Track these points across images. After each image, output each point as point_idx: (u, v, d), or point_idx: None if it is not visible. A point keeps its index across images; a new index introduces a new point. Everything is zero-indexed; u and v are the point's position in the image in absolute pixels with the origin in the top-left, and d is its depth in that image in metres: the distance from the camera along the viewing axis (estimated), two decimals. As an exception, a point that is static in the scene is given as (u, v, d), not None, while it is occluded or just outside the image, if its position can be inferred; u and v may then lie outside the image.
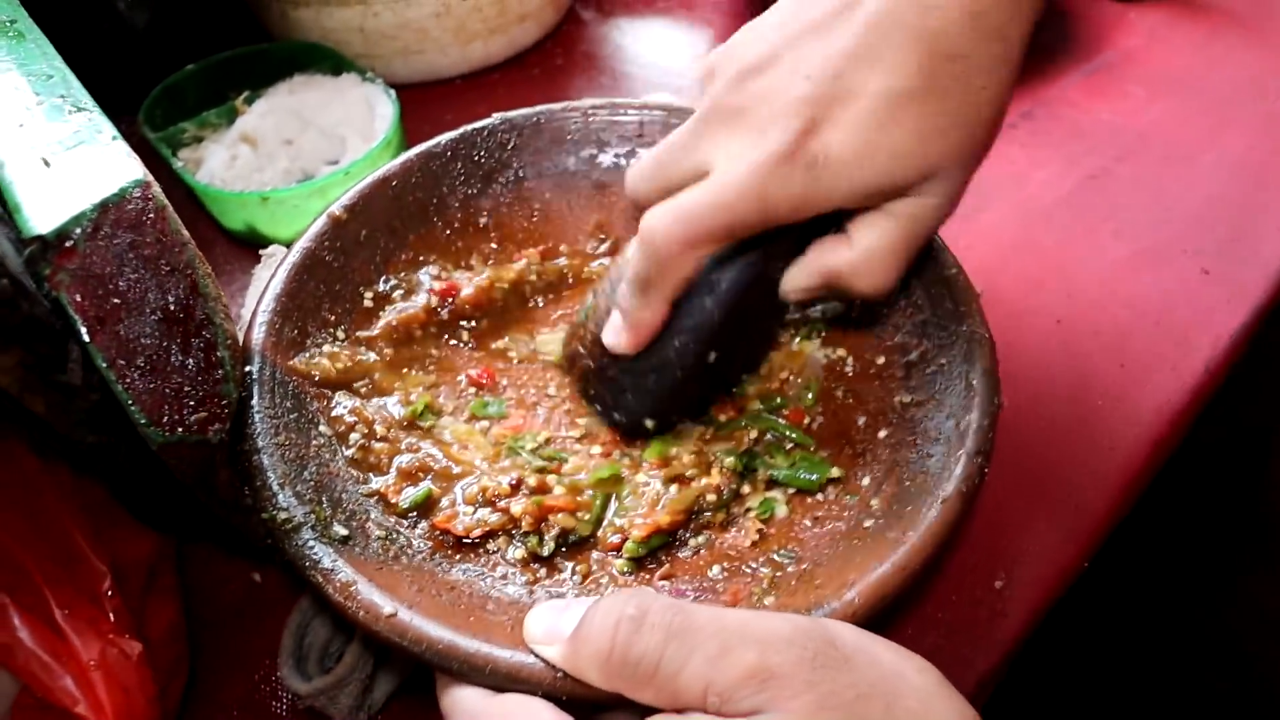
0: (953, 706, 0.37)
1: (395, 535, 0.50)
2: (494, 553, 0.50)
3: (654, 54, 0.99)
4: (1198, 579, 0.79)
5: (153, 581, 0.51)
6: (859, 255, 0.49)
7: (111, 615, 0.45)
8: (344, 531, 0.48)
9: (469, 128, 0.68)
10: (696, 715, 0.36)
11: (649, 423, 0.55)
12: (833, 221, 0.50)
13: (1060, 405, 0.63)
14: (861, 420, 0.55)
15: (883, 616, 0.43)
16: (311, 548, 0.46)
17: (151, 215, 0.45)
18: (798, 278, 0.52)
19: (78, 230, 0.42)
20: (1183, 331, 0.66)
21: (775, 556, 0.50)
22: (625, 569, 0.50)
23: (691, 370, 0.53)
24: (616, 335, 0.53)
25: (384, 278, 0.63)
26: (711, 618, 0.38)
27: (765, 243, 0.50)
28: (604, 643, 0.38)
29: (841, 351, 0.59)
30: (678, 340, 0.52)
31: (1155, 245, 0.72)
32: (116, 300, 0.43)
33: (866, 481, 0.52)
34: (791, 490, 0.54)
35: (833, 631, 0.38)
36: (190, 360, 0.46)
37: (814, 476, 0.53)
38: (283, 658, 0.50)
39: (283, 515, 0.47)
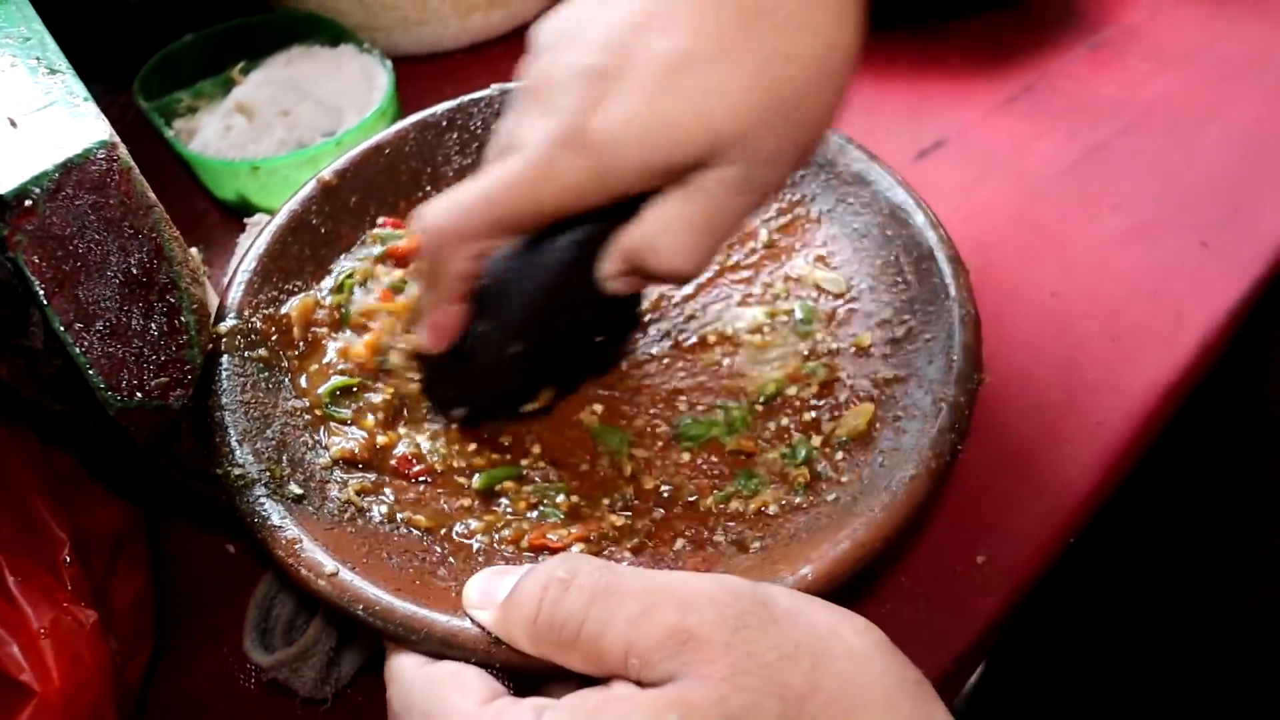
0: (890, 667, 0.35)
1: (355, 500, 0.49)
2: (456, 532, 0.50)
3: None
4: (1191, 554, 0.77)
5: (120, 552, 0.51)
6: (649, 230, 0.45)
7: (68, 584, 0.45)
8: (299, 491, 0.47)
9: (466, 98, 0.67)
10: (619, 685, 0.35)
11: (457, 411, 0.54)
12: None
13: (1050, 379, 0.61)
14: (843, 397, 0.54)
15: (844, 591, 0.42)
16: (261, 504, 0.46)
17: (116, 177, 0.44)
18: (603, 265, 0.48)
19: (37, 190, 0.42)
20: (1178, 305, 0.65)
21: (740, 529, 0.49)
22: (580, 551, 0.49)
23: (495, 360, 0.51)
24: (420, 336, 0.51)
25: (361, 240, 0.62)
26: (638, 578, 0.36)
27: (583, 226, 0.47)
28: (531, 606, 0.37)
29: (824, 329, 0.58)
30: (481, 328, 0.50)
31: (1154, 219, 0.71)
32: (76, 262, 0.43)
33: (840, 457, 0.51)
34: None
35: (764, 592, 0.36)
36: (152, 324, 0.45)
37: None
38: (247, 629, 0.50)
39: (236, 471, 0.47)
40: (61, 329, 0.42)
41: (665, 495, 0.51)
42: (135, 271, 0.44)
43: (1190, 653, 0.80)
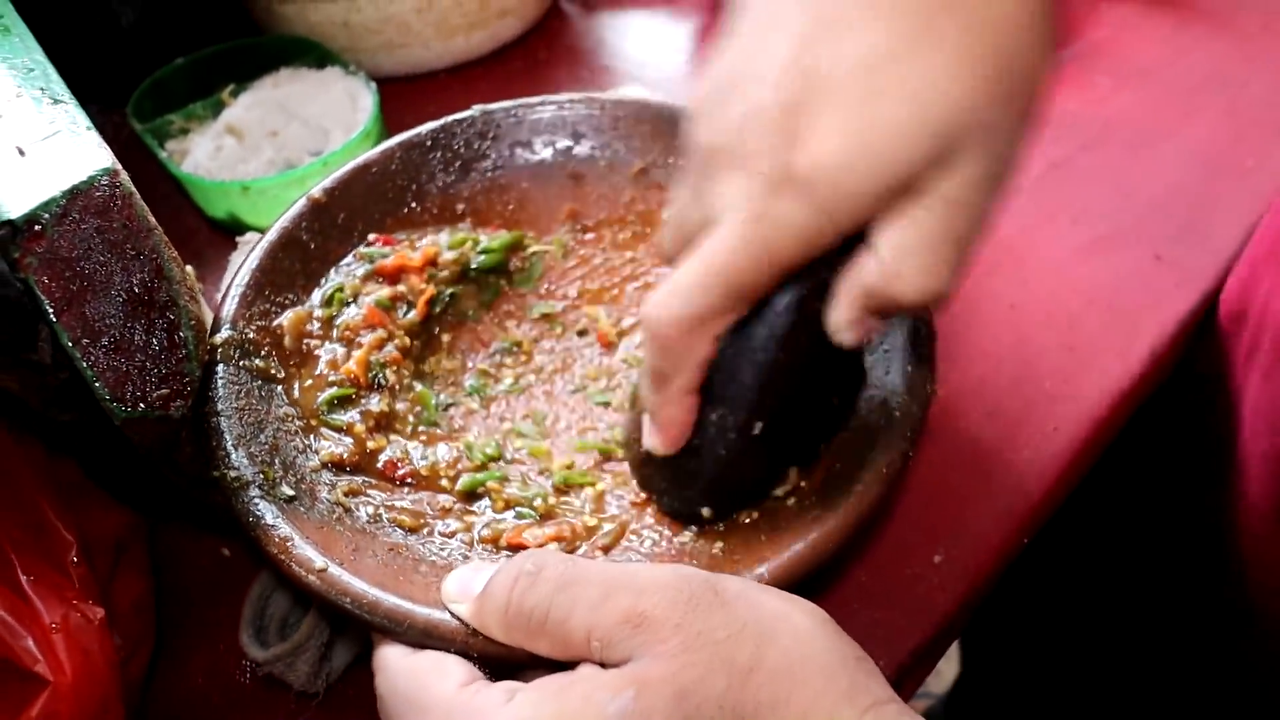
0: (832, 645, 0.38)
1: (344, 501, 0.52)
2: (438, 532, 0.52)
3: (635, 48, 1.01)
4: (1148, 554, 0.80)
5: (121, 555, 0.54)
6: (889, 260, 0.39)
7: (76, 583, 0.47)
8: (290, 492, 0.50)
9: (449, 118, 0.70)
10: (584, 667, 0.38)
11: (705, 511, 0.51)
12: None
13: (1006, 388, 0.64)
14: None
15: (801, 589, 0.44)
16: (256, 504, 0.48)
17: (119, 202, 0.47)
18: (836, 314, 0.43)
19: (46, 215, 0.44)
20: (1132, 317, 0.67)
21: (703, 529, 0.52)
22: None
23: (736, 447, 0.48)
24: (650, 438, 0.49)
25: (351, 255, 0.65)
26: (600, 569, 0.40)
27: (800, 281, 0.43)
28: (503, 597, 0.40)
29: None
30: (714, 415, 0.47)
31: (1111, 232, 0.74)
32: (83, 282, 0.45)
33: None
34: None
35: (716, 579, 0.39)
36: (154, 340, 0.48)
37: None
38: (243, 626, 0.52)
39: (233, 474, 0.49)
40: (70, 345, 0.45)
41: (631, 500, 0.54)
42: (137, 290, 0.47)
43: (1156, 650, 0.83)
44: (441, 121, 0.70)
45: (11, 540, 0.46)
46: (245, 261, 0.60)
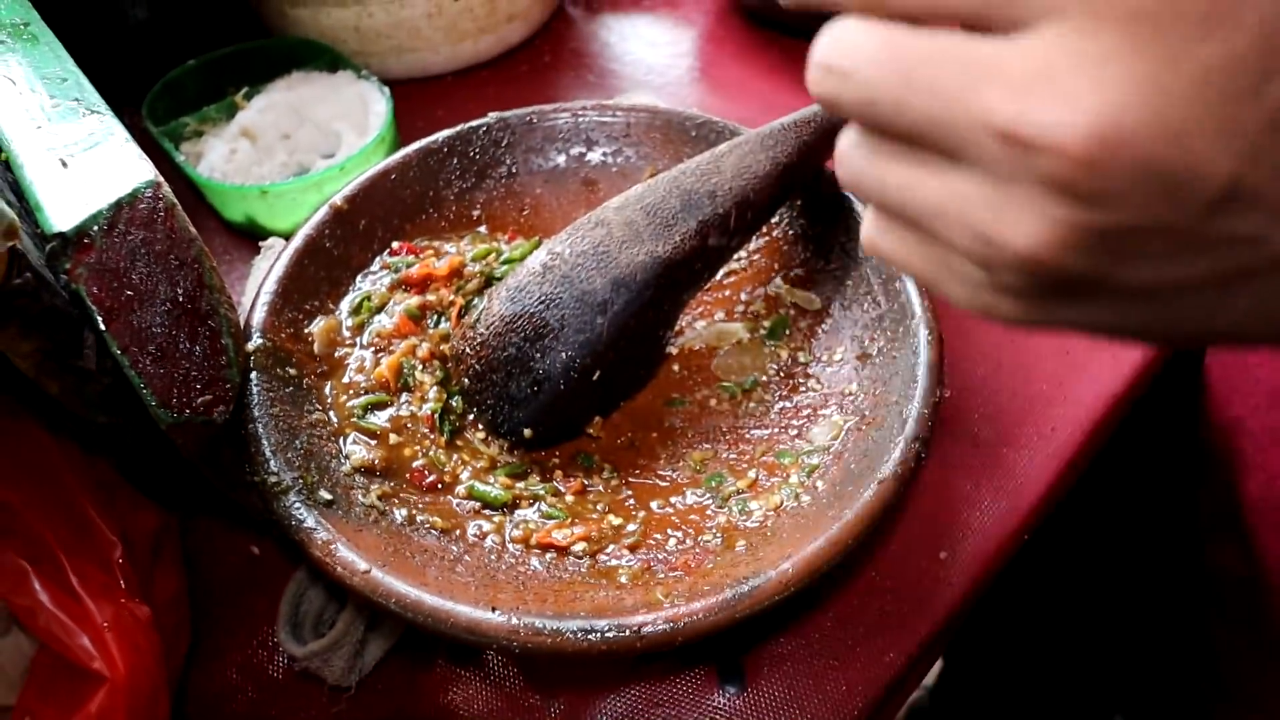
0: None
1: (377, 504, 0.54)
2: (470, 533, 0.55)
3: (639, 51, 1.03)
4: (1139, 553, 0.83)
5: (158, 552, 0.56)
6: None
7: (123, 581, 0.49)
8: (328, 496, 0.52)
9: (466, 126, 0.72)
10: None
11: (527, 432, 0.59)
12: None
13: (1006, 390, 0.67)
14: (816, 409, 0.59)
15: (821, 583, 0.47)
16: (297, 509, 0.50)
17: (162, 214, 0.49)
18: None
19: (95, 228, 0.46)
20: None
21: (727, 529, 0.54)
22: (583, 551, 0.54)
23: (574, 386, 0.57)
24: None
25: (377, 262, 0.67)
26: None
27: (663, 261, 0.53)
28: None
29: (800, 344, 0.63)
30: (564, 354, 0.56)
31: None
32: (130, 292, 0.47)
33: (816, 461, 0.56)
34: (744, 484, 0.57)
35: None
36: (197, 348, 0.50)
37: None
38: (280, 624, 0.54)
39: (272, 479, 0.51)
40: (119, 353, 0.47)
41: (656, 506, 0.57)
42: (181, 299, 0.49)
43: (1139, 648, 0.85)
44: (458, 129, 0.72)
45: (60, 541, 0.48)
46: (272, 269, 0.62)
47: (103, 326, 0.46)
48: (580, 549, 0.53)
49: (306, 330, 0.61)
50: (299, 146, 0.87)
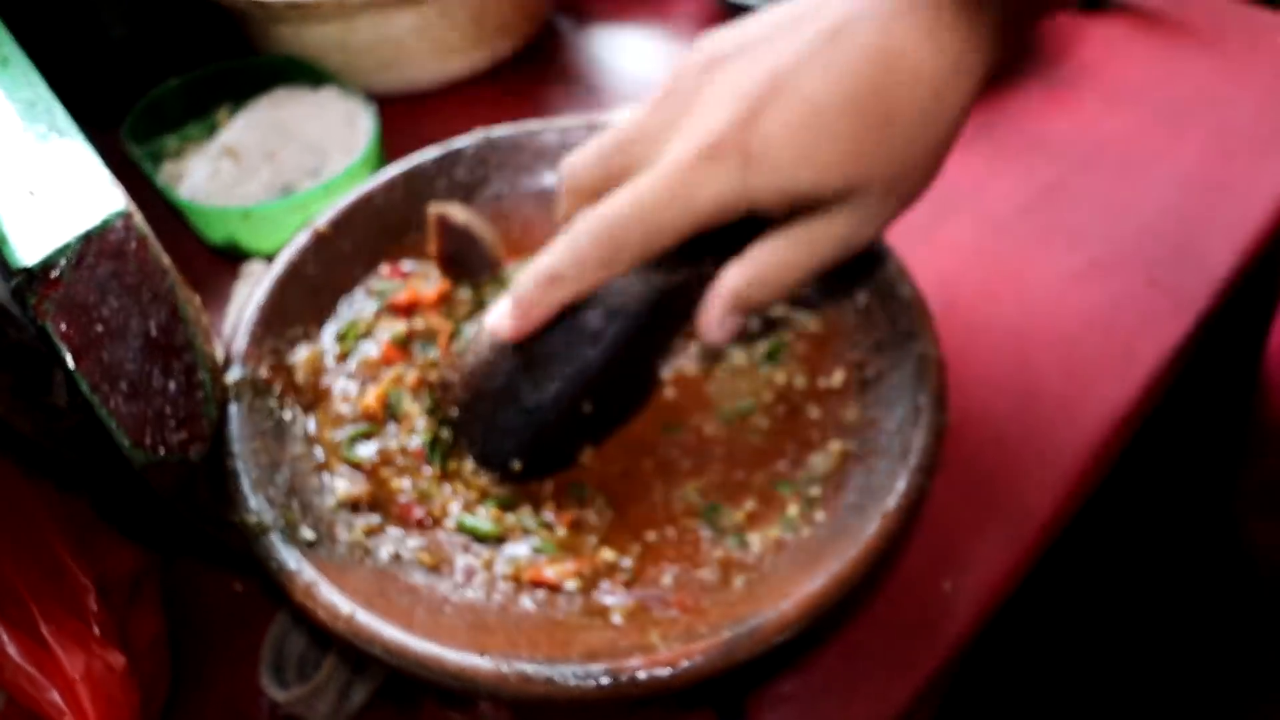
0: None
1: (362, 541, 0.52)
2: (459, 569, 0.53)
3: (629, 65, 1.01)
4: (1146, 575, 0.81)
5: (136, 594, 0.54)
6: (766, 266, 0.47)
7: (96, 629, 0.47)
8: (311, 535, 0.50)
9: (451, 146, 0.70)
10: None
11: (516, 464, 0.56)
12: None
13: (1010, 414, 0.65)
14: (814, 436, 0.58)
15: (824, 622, 0.45)
16: (278, 550, 0.48)
17: (133, 245, 0.47)
18: (706, 315, 0.49)
19: (62, 261, 0.44)
20: (1128, 341, 0.68)
21: (724, 564, 0.52)
22: (576, 588, 0.52)
23: (565, 418, 0.55)
24: (500, 320, 0.51)
25: (361, 288, 0.65)
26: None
27: (663, 277, 0.51)
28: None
29: (797, 369, 0.61)
30: (554, 385, 0.54)
31: (1106, 256, 0.75)
32: (100, 327, 0.45)
33: (815, 492, 0.54)
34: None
35: None
36: (172, 383, 0.48)
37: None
38: (263, 667, 0.53)
39: (253, 518, 0.50)
40: (89, 390, 0.45)
41: (651, 539, 0.55)
42: (154, 334, 0.47)
43: (1144, 667, 0.84)
44: (444, 149, 0.70)
45: (30, 586, 0.46)
46: (253, 297, 0.60)
47: (72, 364, 0.44)
48: (572, 585, 0.51)
49: (289, 360, 0.59)
50: (284, 165, 0.85)
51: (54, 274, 0.44)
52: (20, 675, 0.44)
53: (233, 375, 0.55)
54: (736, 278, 0.47)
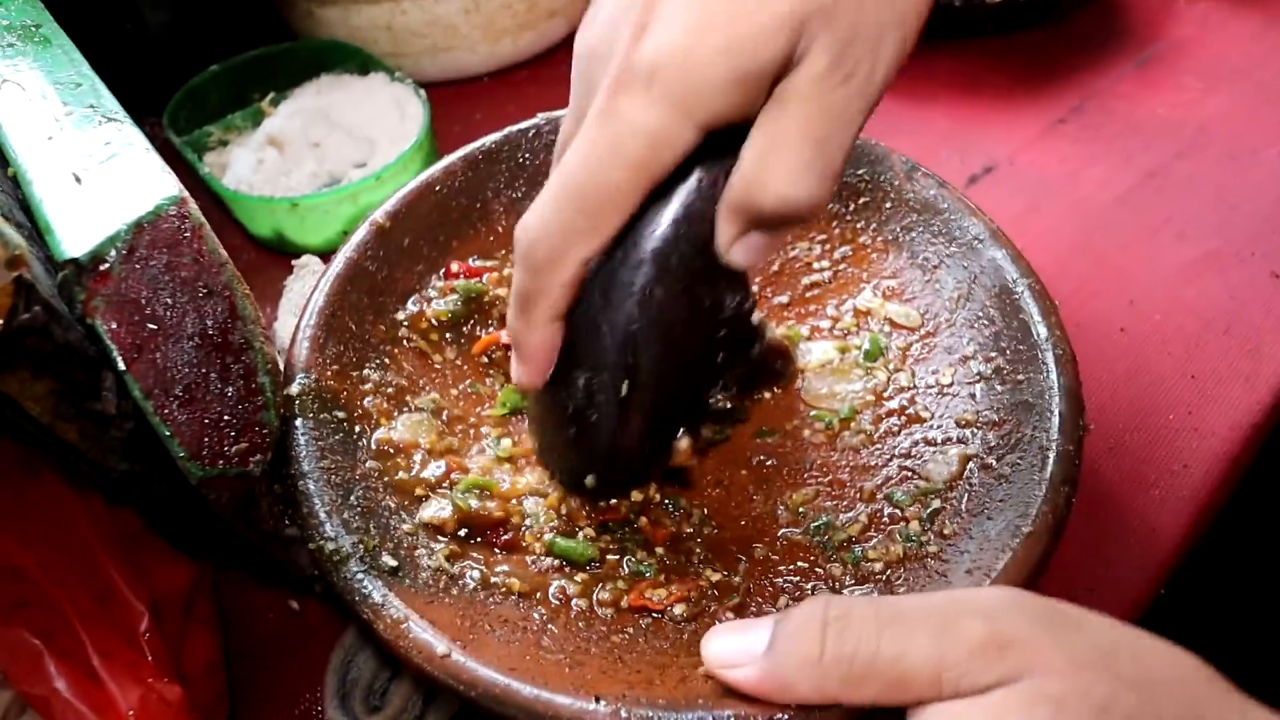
0: (1186, 658, 0.35)
1: (446, 567, 0.47)
2: (553, 595, 0.48)
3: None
4: None
5: (190, 613, 0.49)
6: (752, 164, 0.38)
7: (150, 657, 0.43)
8: (393, 562, 0.45)
9: (513, 129, 0.65)
10: (934, 707, 0.34)
11: (589, 480, 0.49)
12: None
13: (1126, 422, 0.60)
14: (927, 438, 0.53)
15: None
16: (360, 580, 0.44)
17: (188, 234, 0.42)
18: (719, 235, 0.41)
19: (112, 253, 0.40)
20: (1256, 340, 0.63)
21: (844, 582, 0.48)
22: (683, 614, 0.47)
23: (608, 412, 0.45)
24: (516, 370, 0.45)
25: (427, 287, 0.61)
26: (916, 602, 0.36)
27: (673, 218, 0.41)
28: (812, 646, 0.36)
29: (899, 366, 0.56)
30: (581, 380, 0.45)
31: (1221, 248, 0.70)
32: (153, 326, 0.41)
33: (937, 504, 0.49)
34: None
35: (1043, 599, 0.36)
36: (230, 388, 0.44)
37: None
38: (328, 698, 0.48)
39: (330, 546, 0.45)
40: (142, 396, 0.41)
41: (759, 554, 0.50)
42: (211, 333, 0.43)
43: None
44: (504, 132, 0.65)
45: (80, 612, 0.42)
46: (312, 299, 0.55)
47: (123, 367, 0.40)
48: (680, 611, 0.46)
49: (359, 371, 0.54)
50: (330, 155, 0.80)
51: (103, 266, 0.40)
52: (70, 713, 0.40)
53: (296, 386, 0.50)
54: (729, 187, 0.39)
